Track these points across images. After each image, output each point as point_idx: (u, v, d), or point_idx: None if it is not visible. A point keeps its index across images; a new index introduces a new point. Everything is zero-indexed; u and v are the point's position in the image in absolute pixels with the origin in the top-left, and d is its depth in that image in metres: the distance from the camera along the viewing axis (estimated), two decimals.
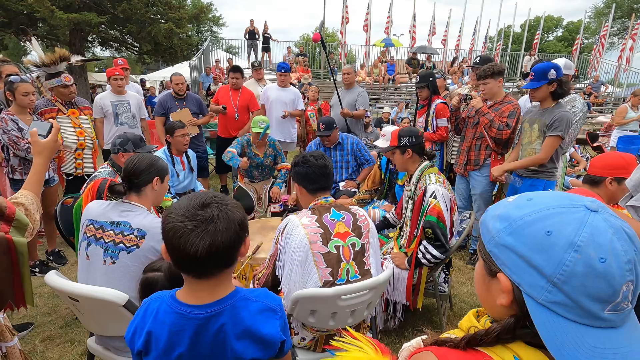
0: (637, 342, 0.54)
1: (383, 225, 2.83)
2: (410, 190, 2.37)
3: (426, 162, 2.37)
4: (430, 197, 2.20)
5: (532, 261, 0.55)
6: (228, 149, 3.63)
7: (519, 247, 0.57)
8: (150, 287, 1.30)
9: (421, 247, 2.24)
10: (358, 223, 1.74)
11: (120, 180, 1.75)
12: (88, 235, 1.67)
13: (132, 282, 1.59)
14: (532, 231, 0.56)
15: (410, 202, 2.36)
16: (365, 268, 1.72)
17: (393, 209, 2.81)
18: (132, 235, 1.61)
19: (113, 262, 1.61)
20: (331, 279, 1.64)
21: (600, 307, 0.52)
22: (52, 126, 1.45)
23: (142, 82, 12.53)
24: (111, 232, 1.63)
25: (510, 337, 0.59)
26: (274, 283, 1.76)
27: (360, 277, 1.69)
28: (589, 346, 0.52)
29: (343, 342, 0.76)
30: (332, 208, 1.73)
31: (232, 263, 0.97)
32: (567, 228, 0.54)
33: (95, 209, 1.71)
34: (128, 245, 1.61)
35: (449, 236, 2.22)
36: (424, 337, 0.73)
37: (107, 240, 1.63)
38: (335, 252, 1.66)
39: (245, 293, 1.02)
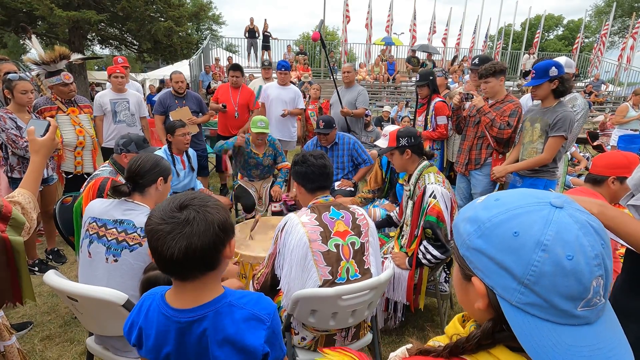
0: (612, 336, 0.53)
1: (385, 224, 2.81)
2: (410, 190, 2.36)
3: (425, 162, 2.36)
4: (430, 196, 2.19)
5: (503, 263, 0.54)
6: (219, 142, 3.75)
7: (489, 249, 0.56)
8: (152, 286, 1.29)
9: (421, 248, 2.23)
10: (357, 222, 1.73)
11: (124, 180, 1.75)
12: (90, 233, 1.67)
13: (134, 281, 1.58)
14: (500, 232, 0.55)
15: (410, 202, 2.35)
16: (366, 267, 1.71)
17: (396, 210, 2.80)
18: (135, 234, 1.62)
19: (115, 260, 1.61)
20: (331, 277, 1.63)
21: (573, 304, 0.51)
22: (49, 125, 1.44)
23: (163, 82, 11.42)
24: (114, 230, 1.63)
25: (490, 342, 0.58)
26: (272, 282, 1.75)
27: (360, 276, 1.68)
28: (566, 345, 0.51)
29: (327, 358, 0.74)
30: (331, 207, 1.73)
31: (215, 266, 0.95)
32: (533, 227, 0.53)
33: (98, 207, 1.71)
34: (131, 243, 1.61)
35: (449, 236, 2.21)
36: (409, 346, 0.72)
37: (109, 238, 1.63)
38: (335, 250, 1.65)
39: (232, 299, 0.99)
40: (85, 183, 2.34)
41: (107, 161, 2.56)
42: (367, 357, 0.74)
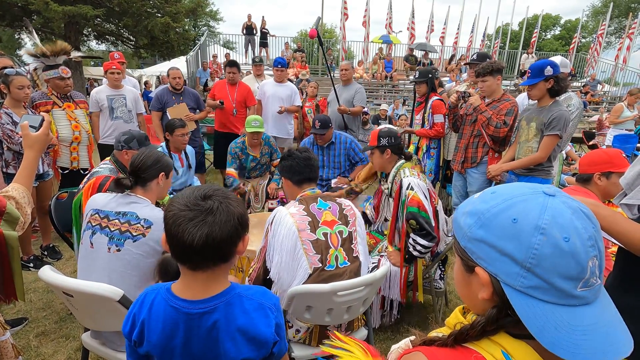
0: (609, 316, 0.57)
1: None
2: (388, 188, 2.40)
3: (402, 161, 2.40)
4: (407, 189, 2.24)
5: (504, 249, 0.57)
6: (227, 169, 3.67)
7: (490, 238, 0.59)
8: (166, 266, 1.30)
9: (410, 241, 2.25)
10: (344, 212, 1.80)
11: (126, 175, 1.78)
12: (93, 224, 1.68)
13: (134, 270, 1.61)
14: (499, 221, 0.58)
15: (390, 199, 2.39)
16: (354, 255, 1.76)
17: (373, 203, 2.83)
18: (138, 225, 1.63)
19: (118, 250, 1.62)
20: (320, 265, 1.67)
21: (573, 284, 0.54)
22: (43, 119, 1.43)
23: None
24: (116, 221, 1.65)
25: (494, 328, 0.60)
26: (265, 277, 1.77)
27: (349, 263, 1.73)
28: (569, 325, 0.54)
29: (332, 345, 0.75)
30: (318, 198, 1.79)
31: (229, 258, 0.96)
32: (530, 213, 0.56)
33: (100, 200, 1.74)
34: (134, 234, 1.62)
35: (433, 223, 2.24)
36: (412, 338, 0.73)
37: (112, 229, 1.65)
38: (324, 239, 1.70)
39: (240, 290, 1.01)
40: (85, 180, 2.32)
41: (108, 158, 2.53)
42: (376, 350, 0.75)
